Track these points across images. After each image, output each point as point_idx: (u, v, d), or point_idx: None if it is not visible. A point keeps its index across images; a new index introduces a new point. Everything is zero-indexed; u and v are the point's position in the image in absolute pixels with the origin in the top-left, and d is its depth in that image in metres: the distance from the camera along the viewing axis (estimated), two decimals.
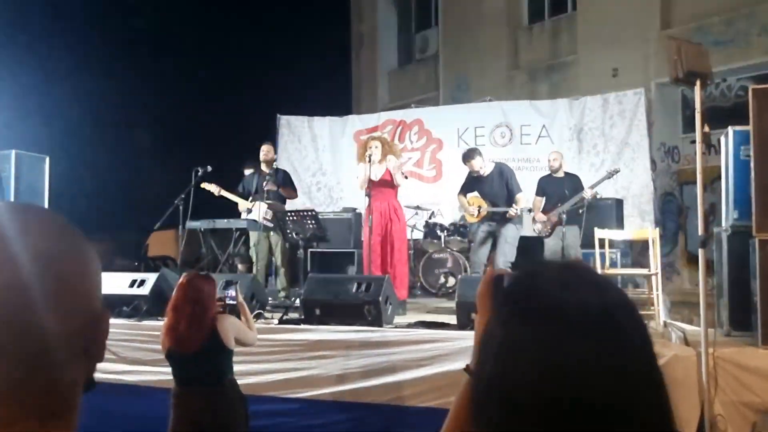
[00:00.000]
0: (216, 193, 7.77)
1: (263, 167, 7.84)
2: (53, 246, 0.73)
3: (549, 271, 0.86)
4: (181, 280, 3.82)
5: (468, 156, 7.33)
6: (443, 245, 8.63)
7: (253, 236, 7.66)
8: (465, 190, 7.48)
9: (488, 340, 0.82)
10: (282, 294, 7.66)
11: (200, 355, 3.68)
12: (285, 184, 7.95)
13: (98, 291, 0.77)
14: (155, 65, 12.80)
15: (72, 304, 0.72)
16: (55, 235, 0.74)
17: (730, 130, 5.08)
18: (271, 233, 7.63)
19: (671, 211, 11.24)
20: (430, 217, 9.09)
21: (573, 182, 7.52)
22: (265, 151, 7.87)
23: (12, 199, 7.48)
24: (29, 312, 0.68)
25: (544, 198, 7.59)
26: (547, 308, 0.78)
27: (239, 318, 4.19)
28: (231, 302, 4.70)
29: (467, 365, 1.08)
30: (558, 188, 7.51)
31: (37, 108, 10.30)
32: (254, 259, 7.73)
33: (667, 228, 10.83)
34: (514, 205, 7.06)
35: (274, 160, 8.13)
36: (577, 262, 0.94)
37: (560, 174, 7.67)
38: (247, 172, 8.50)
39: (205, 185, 7.72)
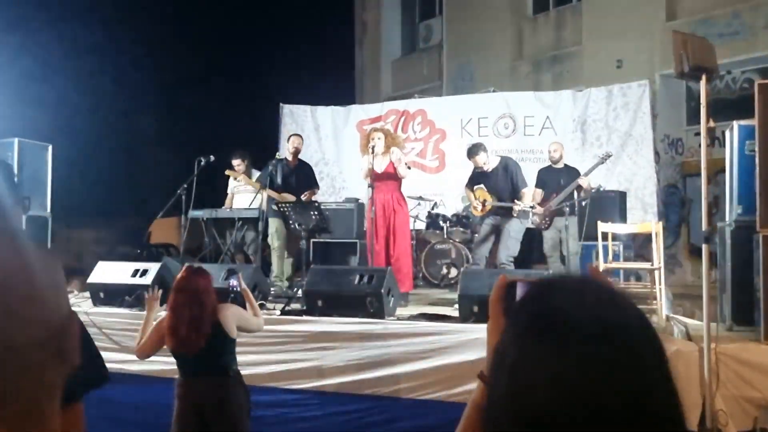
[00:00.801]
0: (236, 178, 8.14)
1: (289, 158, 8.05)
2: (30, 254, 0.73)
3: (565, 285, 0.85)
4: (177, 279, 3.82)
5: (472, 152, 7.29)
6: (446, 236, 8.63)
7: (273, 223, 7.86)
8: (471, 183, 7.46)
9: (502, 354, 0.82)
10: (284, 283, 7.71)
11: (204, 350, 3.69)
12: (311, 183, 8.20)
13: (65, 296, 0.78)
14: (159, 54, 12.77)
15: (42, 310, 0.73)
16: (11, 249, 0.75)
17: (735, 124, 5.06)
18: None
19: (674, 203, 11.22)
20: (432, 208, 9.09)
21: (571, 174, 7.50)
22: (296, 143, 8.19)
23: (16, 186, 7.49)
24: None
25: (543, 189, 7.57)
26: (563, 325, 0.77)
27: (244, 306, 4.21)
28: (235, 290, 4.71)
29: (481, 372, 1.08)
30: (555, 179, 7.50)
31: (39, 96, 10.29)
32: (273, 246, 7.94)
33: (670, 220, 10.82)
34: (516, 201, 7.01)
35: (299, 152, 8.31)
36: (593, 276, 0.94)
37: (560, 165, 7.66)
38: (236, 162, 8.53)
39: (229, 173, 8.19)
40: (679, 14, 11.05)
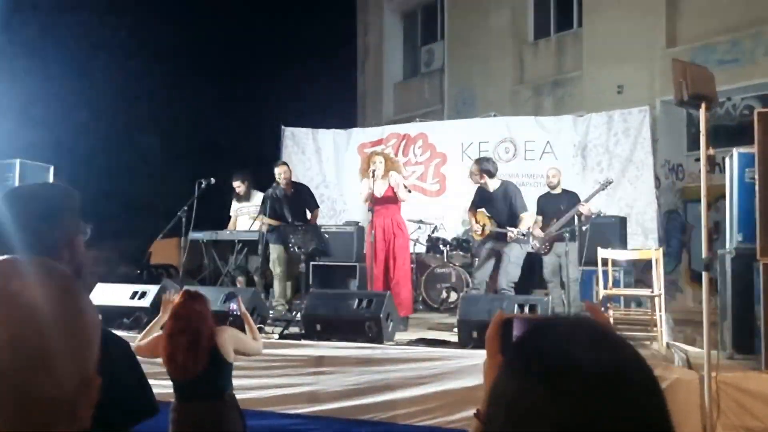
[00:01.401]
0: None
1: (284, 186, 7.93)
2: (53, 307, 0.72)
3: (562, 326, 0.85)
4: (174, 305, 3.79)
5: (486, 166, 7.20)
6: (446, 260, 8.61)
7: (274, 249, 7.81)
8: (474, 206, 7.43)
9: (499, 394, 0.81)
10: (282, 306, 7.69)
11: (201, 376, 3.66)
12: (310, 205, 8.14)
13: (93, 353, 0.77)
14: (161, 75, 12.83)
15: (66, 367, 0.71)
16: (57, 295, 0.74)
17: (735, 152, 5.07)
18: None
19: (675, 228, 11.21)
20: (433, 232, 9.08)
21: (570, 199, 7.49)
22: (283, 172, 7.94)
23: None
24: (24, 372, 0.68)
25: (542, 216, 7.56)
26: (562, 366, 0.77)
27: (244, 329, 4.18)
28: (235, 313, 4.68)
29: (477, 410, 1.07)
30: (555, 205, 7.49)
31: (41, 117, 10.33)
32: (275, 272, 7.87)
33: (671, 245, 10.80)
34: (509, 228, 6.93)
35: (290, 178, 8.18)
36: (591, 314, 0.93)
37: (558, 191, 7.65)
38: (237, 184, 8.53)
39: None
40: (680, 41, 11.12)
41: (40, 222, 1.45)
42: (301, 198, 8.11)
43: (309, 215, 8.11)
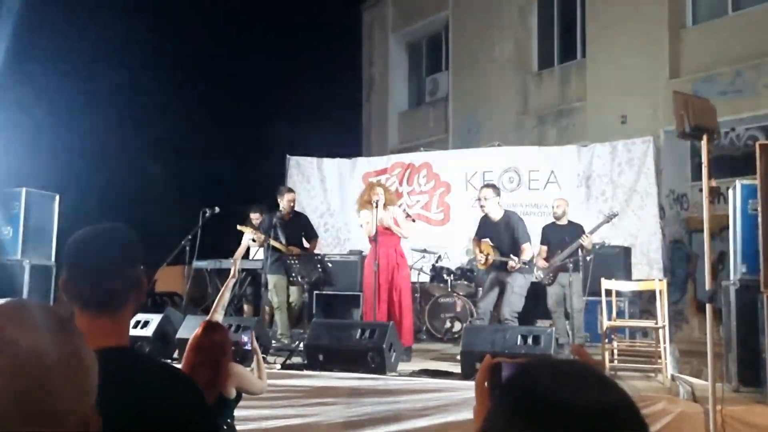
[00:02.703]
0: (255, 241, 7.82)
1: (284, 211, 7.83)
2: (49, 349, 0.73)
3: (551, 367, 0.86)
4: (194, 337, 3.73)
5: (495, 192, 7.24)
6: (450, 289, 8.58)
7: (272, 279, 7.63)
8: (478, 235, 7.42)
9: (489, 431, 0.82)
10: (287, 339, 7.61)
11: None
12: (308, 233, 8.08)
13: (91, 394, 0.77)
14: (166, 104, 12.95)
15: (65, 409, 0.72)
16: (52, 337, 0.74)
17: (738, 183, 5.07)
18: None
19: (680, 258, 11.16)
20: (436, 261, 9.06)
21: (575, 230, 7.47)
22: (291, 198, 7.96)
23: (21, 236, 7.54)
24: (24, 418, 0.68)
25: (547, 246, 7.54)
26: (549, 406, 0.78)
27: (250, 363, 4.15)
28: (246, 348, 4.62)
29: None
30: (559, 236, 7.47)
31: (47, 145, 10.42)
32: (273, 302, 7.70)
33: (676, 275, 10.75)
34: (512, 256, 6.91)
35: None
36: (578, 356, 0.94)
37: (563, 222, 7.63)
38: (255, 216, 8.53)
39: (241, 228, 7.87)
40: (682, 72, 11.18)
41: (115, 268, 1.49)
42: (299, 225, 8.03)
43: (306, 244, 8.00)
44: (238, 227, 7.89)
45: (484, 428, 0.83)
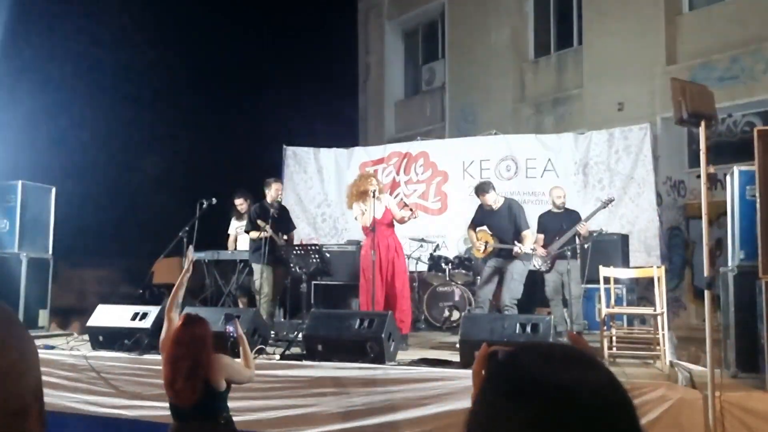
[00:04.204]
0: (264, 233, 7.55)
1: (270, 201, 7.78)
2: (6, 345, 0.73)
3: (537, 351, 0.87)
4: (174, 330, 3.78)
5: (482, 189, 7.26)
6: (448, 278, 8.58)
7: (258, 269, 7.54)
8: (475, 223, 7.42)
9: (475, 417, 0.84)
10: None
11: (197, 401, 3.67)
12: (290, 225, 8.05)
13: (27, 384, 0.77)
14: (162, 96, 12.90)
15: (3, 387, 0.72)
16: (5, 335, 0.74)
17: (736, 169, 5.06)
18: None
19: (678, 245, 11.18)
20: (434, 250, 9.06)
21: (571, 217, 7.49)
22: (278, 188, 7.94)
23: (18, 229, 7.52)
24: None
25: (544, 234, 7.55)
26: (535, 387, 0.79)
27: (239, 352, 4.17)
28: (232, 336, 4.65)
29: None
30: (556, 223, 7.48)
31: (44, 138, 10.38)
32: (261, 292, 7.57)
33: (673, 262, 10.77)
34: (517, 243, 6.94)
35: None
36: (573, 342, 0.95)
37: (560, 209, 7.65)
38: (239, 202, 8.49)
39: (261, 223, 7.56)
40: (679, 58, 11.15)
41: None
42: (285, 217, 8.01)
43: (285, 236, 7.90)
44: (259, 222, 7.57)
45: (474, 410, 0.85)
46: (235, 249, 8.62)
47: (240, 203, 8.59)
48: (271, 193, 7.81)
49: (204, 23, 13.52)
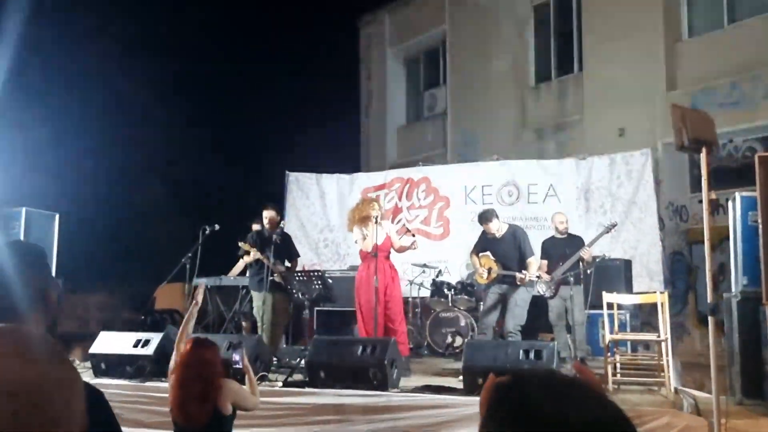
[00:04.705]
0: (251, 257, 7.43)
1: (267, 227, 7.58)
2: (30, 375, 0.73)
3: (538, 380, 0.87)
4: (185, 353, 3.77)
5: (485, 218, 7.27)
6: (450, 304, 8.55)
7: (258, 297, 7.38)
8: (478, 249, 7.42)
9: None
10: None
11: (205, 426, 3.65)
12: (293, 253, 7.76)
13: (74, 417, 0.77)
14: (166, 122, 12.98)
15: (48, 421, 0.72)
16: (33, 362, 0.74)
17: (737, 195, 5.08)
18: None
19: (681, 270, 11.15)
20: (437, 276, 9.04)
21: (574, 242, 7.49)
22: (270, 216, 7.57)
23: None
24: None
25: (548, 260, 7.54)
26: (541, 422, 0.78)
27: (243, 380, 4.16)
28: (237, 366, 4.63)
29: None
30: (559, 249, 7.48)
31: (47, 165, 10.43)
32: (259, 320, 7.39)
33: (676, 287, 10.73)
34: (523, 270, 6.93)
35: (279, 222, 7.75)
36: (579, 373, 0.95)
37: (563, 235, 7.65)
38: (257, 227, 8.44)
39: (243, 245, 7.44)
40: (680, 84, 11.22)
41: (11, 280, 1.48)
42: (286, 244, 7.69)
43: (288, 263, 7.69)
44: (244, 245, 7.45)
45: None
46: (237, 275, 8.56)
47: (257, 228, 8.26)
48: (272, 219, 7.60)
49: (207, 52, 13.65)
